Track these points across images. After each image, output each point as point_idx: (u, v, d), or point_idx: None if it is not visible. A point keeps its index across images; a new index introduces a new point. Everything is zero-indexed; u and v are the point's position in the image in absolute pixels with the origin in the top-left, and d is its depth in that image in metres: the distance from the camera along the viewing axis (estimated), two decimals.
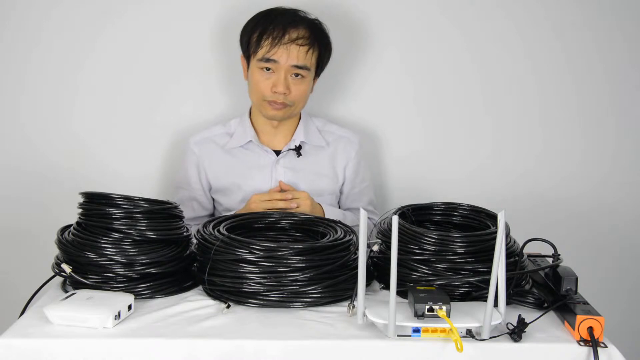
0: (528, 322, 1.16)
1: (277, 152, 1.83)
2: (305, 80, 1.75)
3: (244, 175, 1.81)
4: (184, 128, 2.01)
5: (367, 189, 1.94)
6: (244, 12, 1.81)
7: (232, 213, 1.70)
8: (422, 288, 1.20)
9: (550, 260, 1.36)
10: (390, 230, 1.15)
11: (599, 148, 2.11)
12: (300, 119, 1.86)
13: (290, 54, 1.69)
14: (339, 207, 1.92)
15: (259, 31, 1.71)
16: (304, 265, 1.29)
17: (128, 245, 1.32)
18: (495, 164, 2.10)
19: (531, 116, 2.09)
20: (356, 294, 1.18)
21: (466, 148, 2.10)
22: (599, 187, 2.12)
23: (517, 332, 1.15)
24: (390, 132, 2.08)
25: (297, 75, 1.72)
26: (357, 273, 1.15)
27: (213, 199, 1.89)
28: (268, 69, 1.71)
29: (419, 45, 2.04)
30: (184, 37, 1.99)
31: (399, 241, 1.16)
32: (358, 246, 1.17)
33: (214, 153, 1.84)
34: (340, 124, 1.96)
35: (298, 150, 1.81)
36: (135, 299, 1.25)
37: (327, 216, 1.72)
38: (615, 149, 2.11)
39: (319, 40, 1.75)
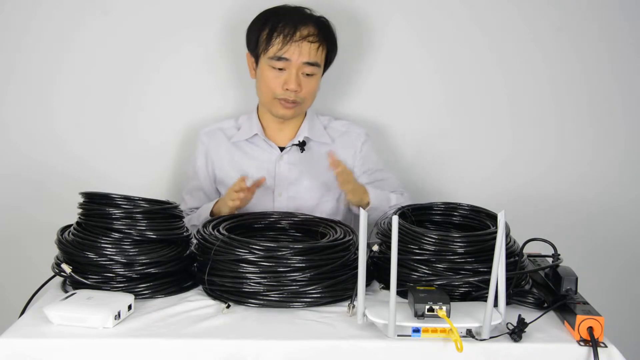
0: (528, 322, 1.16)
1: (282, 149, 1.83)
2: (315, 77, 1.76)
3: (247, 169, 1.81)
4: (194, 126, 2.00)
5: (387, 175, 1.90)
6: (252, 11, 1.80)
7: (212, 202, 1.73)
8: (422, 288, 1.20)
9: (550, 260, 1.36)
10: (390, 230, 1.15)
11: (600, 149, 2.11)
12: (305, 115, 1.86)
13: (302, 51, 1.70)
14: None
15: (269, 29, 1.71)
16: (304, 265, 1.29)
17: (128, 245, 1.32)
18: (496, 164, 2.10)
19: (530, 118, 2.08)
20: (356, 294, 1.18)
21: (471, 148, 2.09)
22: (599, 188, 2.12)
23: (517, 332, 1.15)
24: (395, 130, 2.07)
25: (308, 74, 1.73)
26: (357, 273, 1.15)
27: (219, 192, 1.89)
28: (280, 68, 1.71)
29: (427, 41, 2.03)
30: (193, 35, 1.99)
31: (399, 241, 1.16)
32: (358, 246, 1.17)
33: (221, 144, 1.85)
34: (346, 120, 1.94)
35: (302, 145, 1.81)
36: (135, 299, 1.25)
37: (372, 198, 1.73)
38: (616, 150, 2.11)
39: (327, 38, 1.76)
